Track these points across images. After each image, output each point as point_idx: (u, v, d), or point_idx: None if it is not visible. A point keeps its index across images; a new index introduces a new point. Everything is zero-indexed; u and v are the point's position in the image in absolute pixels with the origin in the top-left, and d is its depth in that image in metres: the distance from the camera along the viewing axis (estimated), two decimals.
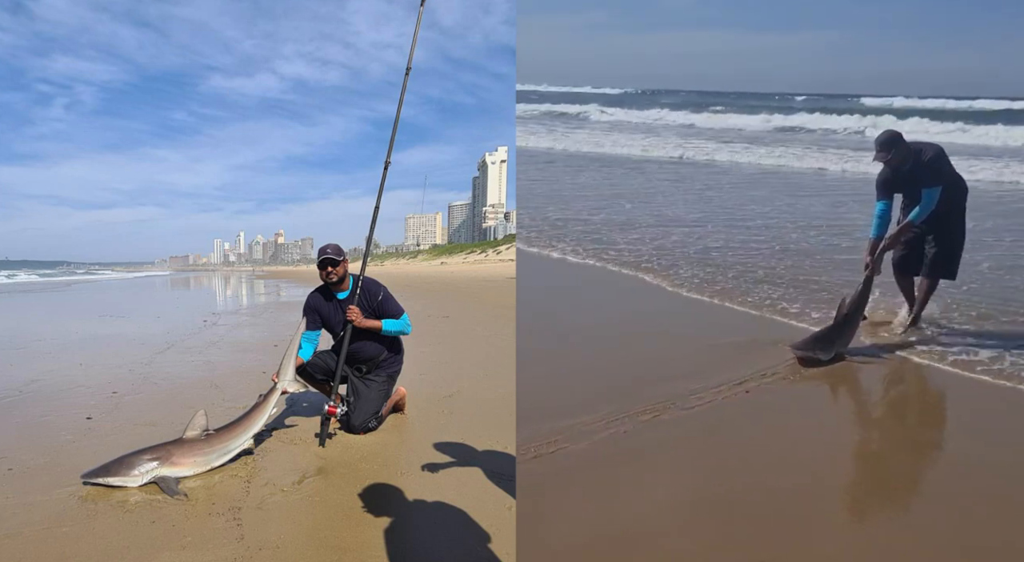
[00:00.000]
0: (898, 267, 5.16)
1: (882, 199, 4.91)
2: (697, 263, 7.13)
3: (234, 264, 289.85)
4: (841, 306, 4.72)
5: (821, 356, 4.43)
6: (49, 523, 2.84)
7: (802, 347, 4.47)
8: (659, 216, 10.11)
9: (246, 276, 58.99)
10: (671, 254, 7.57)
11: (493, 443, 3.79)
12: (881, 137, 4.84)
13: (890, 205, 4.92)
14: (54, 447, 3.86)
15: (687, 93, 54.76)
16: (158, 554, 2.58)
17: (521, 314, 5.35)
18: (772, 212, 10.34)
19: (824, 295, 5.81)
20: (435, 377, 5.70)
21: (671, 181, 14.43)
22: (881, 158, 4.81)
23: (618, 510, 2.80)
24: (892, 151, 4.76)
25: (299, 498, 3.13)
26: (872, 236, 4.93)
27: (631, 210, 10.68)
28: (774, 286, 6.19)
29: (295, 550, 2.62)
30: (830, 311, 4.94)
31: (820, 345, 4.48)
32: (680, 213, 10.38)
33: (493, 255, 62.78)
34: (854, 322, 4.76)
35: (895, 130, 4.94)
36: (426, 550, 2.62)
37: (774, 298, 5.83)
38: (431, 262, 76.14)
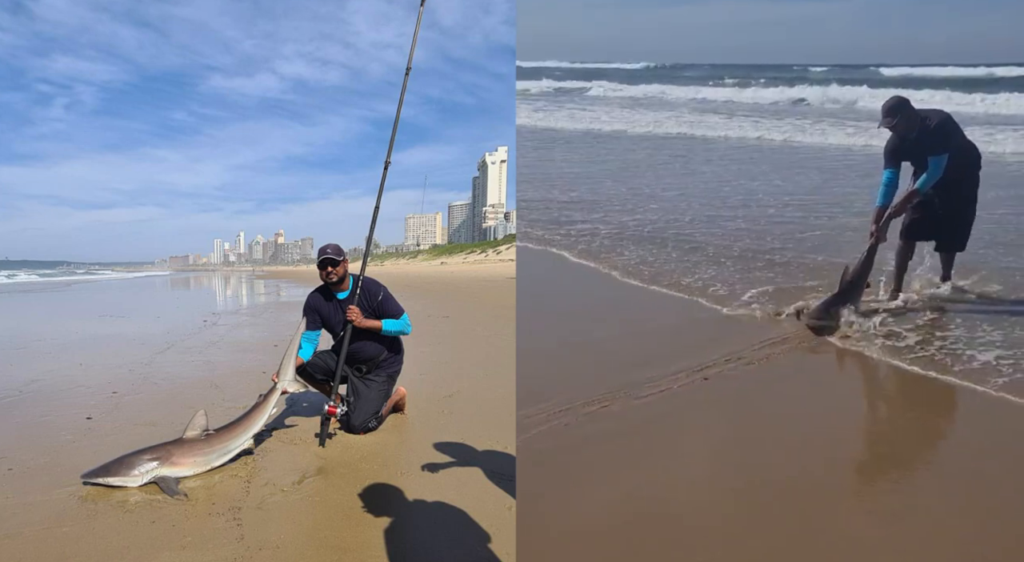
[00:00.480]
0: (906, 233, 5.05)
1: (889, 167, 4.84)
2: (648, 242, 7.04)
3: (234, 264, 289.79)
4: (845, 273, 4.75)
5: (832, 323, 4.53)
6: (49, 523, 2.84)
7: (814, 316, 4.59)
8: (637, 194, 9.84)
9: (246, 276, 59.00)
10: (622, 236, 7.39)
11: (493, 443, 3.79)
12: (887, 103, 4.77)
13: (897, 173, 4.84)
14: (54, 447, 3.86)
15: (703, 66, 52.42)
16: (158, 554, 2.58)
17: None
18: (761, 188, 10.13)
19: (766, 273, 5.83)
20: (435, 377, 5.70)
21: (671, 157, 14.09)
22: (887, 124, 4.73)
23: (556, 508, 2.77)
24: (898, 117, 4.68)
25: (299, 498, 3.13)
26: (878, 204, 4.86)
27: (609, 188, 10.49)
28: (718, 266, 6.14)
29: (295, 550, 2.61)
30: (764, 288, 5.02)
31: (829, 312, 4.58)
32: (658, 190, 10.16)
33: (493, 255, 62.77)
34: (859, 288, 4.80)
35: (902, 96, 4.83)
36: (426, 550, 2.62)
37: (706, 280, 5.76)
38: (431, 262, 76.14)
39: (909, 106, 4.73)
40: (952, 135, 4.78)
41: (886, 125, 4.74)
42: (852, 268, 4.75)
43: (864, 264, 4.80)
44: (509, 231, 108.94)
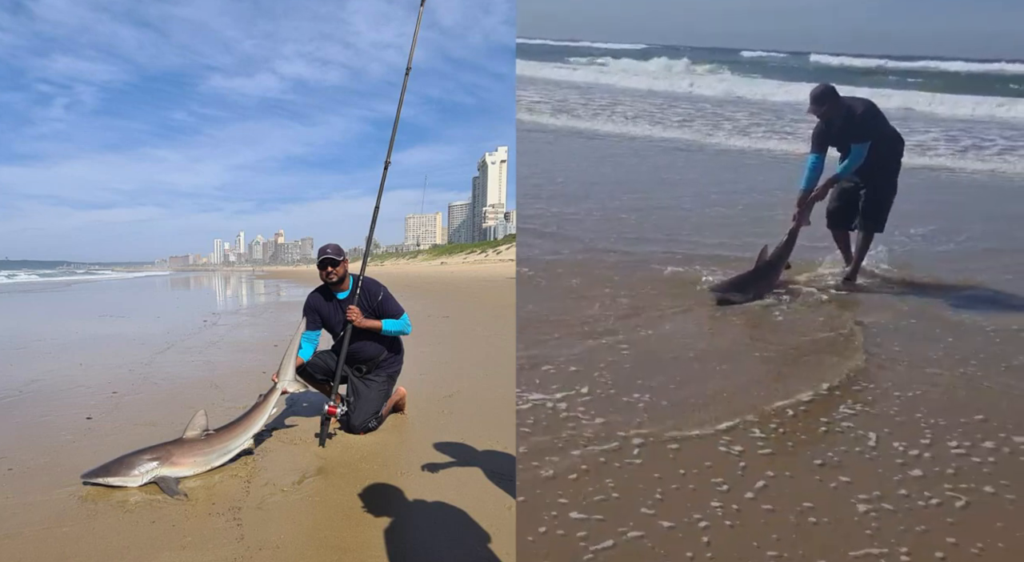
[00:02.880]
0: (830, 219, 5.25)
1: (814, 152, 5.04)
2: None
3: (234, 264, 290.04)
4: (763, 253, 4.90)
5: (736, 298, 4.70)
6: (49, 523, 2.84)
7: (719, 289, 4.77)
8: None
9: (246, 276, 59.03)
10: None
11: (493, 443, 3.80)
12: (814, 91, 4.96)
13: (822, 158, 5.03)
14: (54, 447, 3.86)
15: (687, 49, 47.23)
16: (158, 554, 2.58)
17: None
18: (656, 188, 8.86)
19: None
20: (435, 377, 5.70)
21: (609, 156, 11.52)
22: (814, 111, 4.93)
23: None
24: (825, 105, 4.88)
25: (299, 498, 3.13)
26: (802, 187, 5.05)
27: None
28: None
29: (295, 550, 2.61)
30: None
31: (737, 288, 4.75)
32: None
33: (493, 255, 62.83)
34: (776, 269, 4.97)
35: (829, 84, 5.04)
36: (426, 550, 2.62)
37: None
38: (431, 262, 76.19)
39: (836, 94, 4.90)
40: (876, 123, 4.94)
41: (813, 112, 4.92)
42: (772, 249, 4.93)
43: (784, 246, 5.00)
44: (509, 231, 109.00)
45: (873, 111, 4.93)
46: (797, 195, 5.06)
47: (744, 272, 4.88)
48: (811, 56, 43.57)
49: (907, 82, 27.45)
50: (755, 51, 49.42)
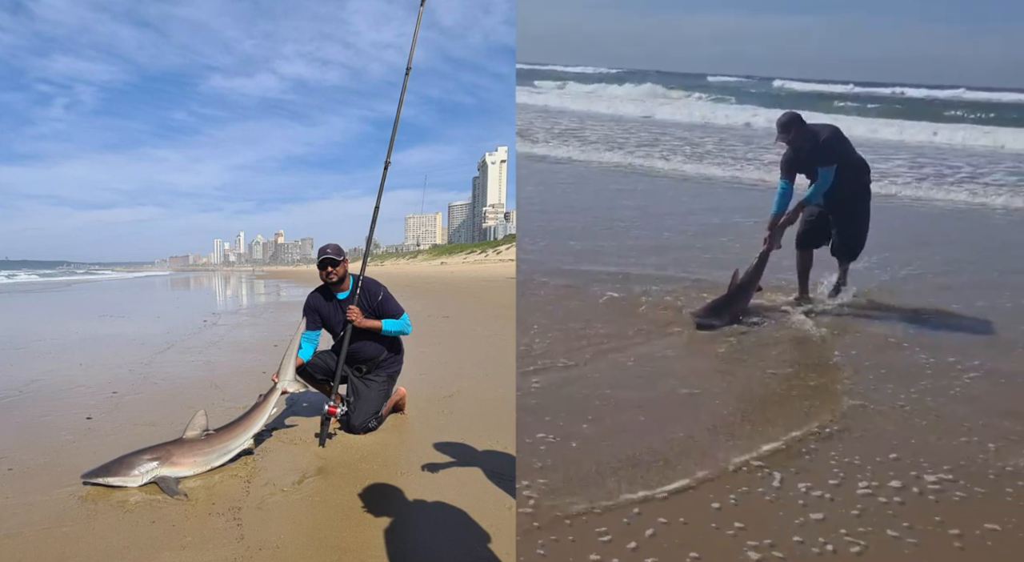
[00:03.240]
0: (799, 242, 5.29)
1: (784, 178, 5.12)
2: None
3: (234, 264, 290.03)
4: (735, 277, 4.91)
5: (715, 323, 4.70)
6: (49, 523, 2.84)
7: (700, 315, 4.76)
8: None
9: (246, 276, 59.03)
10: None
11: (493, 443, 3.80)
12: (781, 119, 5.06)
13: (791, 184, 5.11)
14: (54, 447, 3.86)
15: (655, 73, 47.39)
16: (158, 554, 2.58)
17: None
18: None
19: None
20: (435, 377, 5.70)
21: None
22: (782, 139, 5.02)
23: None
24: (792, 132, 4.96)
25: (299, 498, 3.13)
26: (773, 211, 5.11)
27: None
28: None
29: (295, 550, 2.61)
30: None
31: (714, 313, 4.77)
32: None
33: (493, 255, 62.85)
34: (748, 292, 4.99)
35: (795, 112, 5.12)
36: (426, 550, 2.62)
37: None
38: (431, 262, 76.19)
39: (801, 121, 5.01)
40: (842, 148, 5.02)
41: (782, 140, 5.02)
42: (743, 272, 4.95)
43: (755, 269, 5.04)
44: (509, 231, 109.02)
45: (839, 136, 5.03)
46: (768, 219, 5.13)
47: (719, 297, 4.90)
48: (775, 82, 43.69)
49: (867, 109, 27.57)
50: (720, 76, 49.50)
